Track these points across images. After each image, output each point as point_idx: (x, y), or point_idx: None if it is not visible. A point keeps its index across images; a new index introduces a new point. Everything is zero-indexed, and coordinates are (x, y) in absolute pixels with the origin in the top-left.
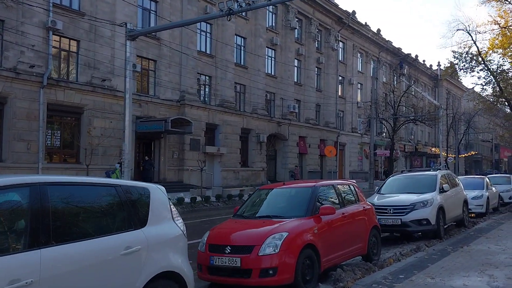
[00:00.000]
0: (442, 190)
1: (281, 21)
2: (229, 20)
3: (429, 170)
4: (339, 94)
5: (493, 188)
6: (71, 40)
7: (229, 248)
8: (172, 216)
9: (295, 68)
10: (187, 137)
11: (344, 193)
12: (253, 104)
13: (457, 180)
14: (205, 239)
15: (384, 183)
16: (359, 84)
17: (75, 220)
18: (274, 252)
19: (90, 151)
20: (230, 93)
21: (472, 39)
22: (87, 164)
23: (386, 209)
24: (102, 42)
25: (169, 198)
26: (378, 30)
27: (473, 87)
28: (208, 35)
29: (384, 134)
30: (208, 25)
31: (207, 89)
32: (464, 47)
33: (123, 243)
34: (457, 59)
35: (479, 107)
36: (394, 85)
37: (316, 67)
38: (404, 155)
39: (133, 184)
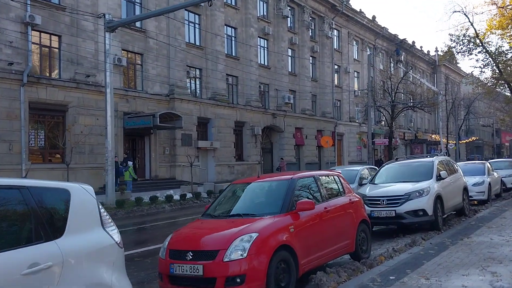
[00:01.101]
0: (439, 178)
1: (272, 10)
2: (210, 5)
3: (426, 157)
4: (336, 83)
5: (495, 174)
6: (52, 35)
7: (191, 254)
8: (102, 223)
9: (289, 57)
10: (178, 132)
11: (327, 185)
12: (246, 96)
13: (456, 166)
14: (166, 243)
15: (378, 172)
16: (355, 73)
17: None
18: (241, 257)
19: (71, 149)
20: (221, 85)
21: (469, 21)
22: (67, 163)
23: (379, 200)
24: (85, 36)
25: (101, 202)
26: (374, 17)
27: (472, 71)
28: (196, 26)
29: (383, 122)
30: (196, 16)
31: (197, 82)
32: (461, 30)
33: (26, 260)
34: (454, 42)
35: (478, 91)
36: (391, 72)
37: (311, 56)
38: (404, 143)
39: (46, 185)
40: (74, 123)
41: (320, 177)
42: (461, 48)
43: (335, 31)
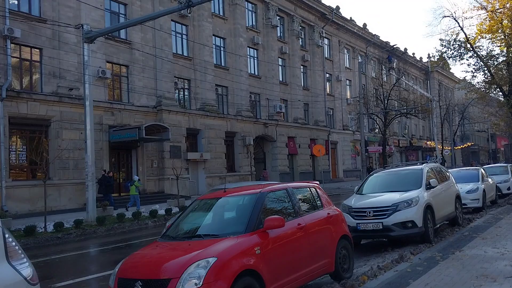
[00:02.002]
0: (429, 186)
1: (261, 20)
2: (189, 13)
3: (417, 164)
4: (328, 91)
5: (489, 180)
6: (32, 49)
7: (140, 284)
8: (7, 256)
9: (280, 67)
10: (166, 144)
11: (302, 199)
12: (237, 106)
13: (447, 173)
14: (116, 270)
15: (364, 181)
16: (347, 81)
17: None
18: (196, 286)
19: (47, 165)
20: (211, 95)
21: (459, 25)
22: (44, 180)
23: (365, 211)
24: (67, 49)
25: (8, 230)
26: (364, 25)
27: (464, 77)
28: (184, 36)
29: (376, 130)
30: (184, 27)
31: (186, 93)
32: (452, 34)
33: None
34: (445, 47)
35: (471, 96)
36: (383, 79)
37: (302, 65)
38: (399, 150)
39: None
40: (57, 137)
41: (294, 189)
42: (452, 53)
43: (326, 39)
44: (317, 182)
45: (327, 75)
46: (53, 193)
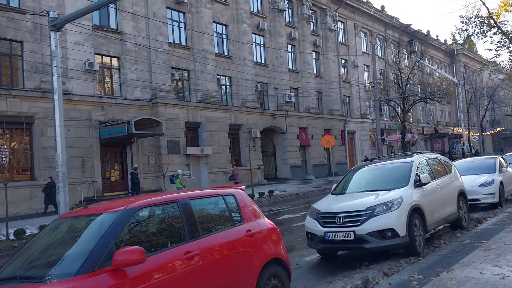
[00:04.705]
0: (419, 183)
1: (267, 4)
2: None
3: (411, 156)
4: (343, 78)
5: (510, 170)
6: (12, 42)
7: None
8: None
9: (289, 53)
10: (163, 139)
11: (204, 214)
12: (241, 97)
13: (448, 165)
14: None
15: (342, 179)
16: (365, 66)
17: None
18: None
19: (8, 165)
20: (212, 86)
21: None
22: (5, 183)
23: (334, 217)
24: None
25: None
26: (382, 7)
27: (492, 58)
28: (181, 24)
29: (398, 117)
30: (181, 14)
31: (185, 85)
32: (473, 10)
33: None
34: (466, 24)
35: (496, 76)
36: (405, 64)
37: (313, 51)
38: (423, 138)
39: None
40: (42, 135)
41: (191, 200)
42: (474, 30)
43: (340, 23)
44: (242, 187)
45: (342, 61)
46: (39, 194)
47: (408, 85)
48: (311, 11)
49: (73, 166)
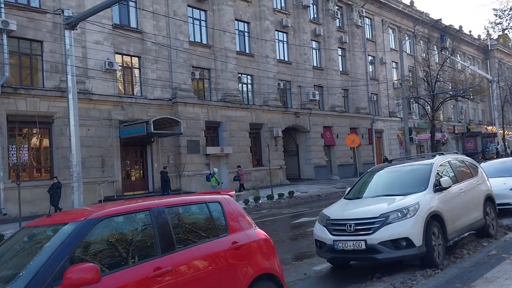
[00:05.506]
0: (439, 188)
1: (291, 0)
2: None
3: (433, 157)
4: (370, 75)
5: None
6: (32, 42)
7: None
8: None
9: (313, 50)
10: (183, 139)
11: (182, 224)
12: (263, 96)
13: (474, 167)
14: None
15: (357, 182)
16: (393, 63)
17: None
18: None
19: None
20: (233, 85)
21: None
22: (18, 183)
23: (344, 225)
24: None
25: None
26: (411, 2)
27: None
28: (202, 23)
29: (428, 116)
30: (202, 12)
31: (205, 84)
32: (507, 2)
33: None
34: (499, 17)
35: None
36: (435, 60)
37: (339, 47)
38: (455, 137)
39: None
40: (61, 135)
41: (167, 208)
42: (508, 24)
43: (367, 19)
44: (232, 193)
45: (370, 58)
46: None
47: (438, 83)
48: (336, 7)
49: (93, 165)
